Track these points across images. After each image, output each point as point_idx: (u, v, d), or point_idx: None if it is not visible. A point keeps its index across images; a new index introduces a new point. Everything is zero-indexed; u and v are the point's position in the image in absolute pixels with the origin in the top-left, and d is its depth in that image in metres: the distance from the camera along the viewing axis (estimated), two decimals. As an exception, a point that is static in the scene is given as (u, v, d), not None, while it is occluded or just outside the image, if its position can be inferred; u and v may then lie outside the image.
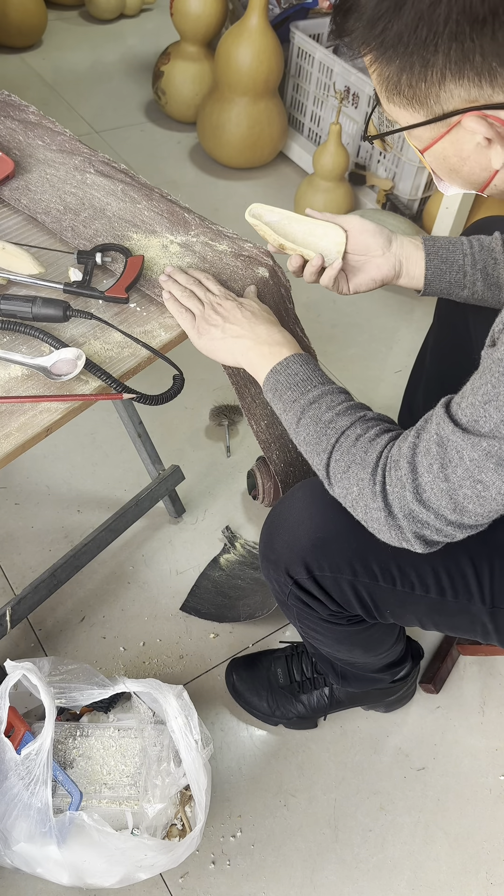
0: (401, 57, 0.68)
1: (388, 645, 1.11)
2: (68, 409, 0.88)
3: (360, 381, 1.87)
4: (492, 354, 0.70)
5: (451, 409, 0.73)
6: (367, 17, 0.68)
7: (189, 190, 2.41)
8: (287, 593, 0.95)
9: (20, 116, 1.27)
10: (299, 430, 0.86)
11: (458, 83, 0.68)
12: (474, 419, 0.70)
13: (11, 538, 1.51)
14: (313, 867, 1.18)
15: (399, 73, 0.70)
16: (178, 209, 1.14)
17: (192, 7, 2.37)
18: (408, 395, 1.40)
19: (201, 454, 1.70)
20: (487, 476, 0.69)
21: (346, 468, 0.80)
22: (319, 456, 0.83)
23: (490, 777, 1.29)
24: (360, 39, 0.70)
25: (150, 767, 1.11)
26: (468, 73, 0.67)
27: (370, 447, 0.79)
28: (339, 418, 0.83)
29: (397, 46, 0.68)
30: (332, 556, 0.90)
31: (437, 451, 0.72)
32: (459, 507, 0.72)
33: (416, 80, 0.69)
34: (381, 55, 0.70)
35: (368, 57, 0.72)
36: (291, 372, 0.89)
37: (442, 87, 0.68)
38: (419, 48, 0.67)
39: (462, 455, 0.70)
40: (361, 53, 0.72)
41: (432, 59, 0.67)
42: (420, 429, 0.76)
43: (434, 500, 0.73)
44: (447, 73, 0.67)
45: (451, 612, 0.94)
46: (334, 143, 2.16)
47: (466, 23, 0.64)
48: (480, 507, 0.72)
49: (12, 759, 1.00)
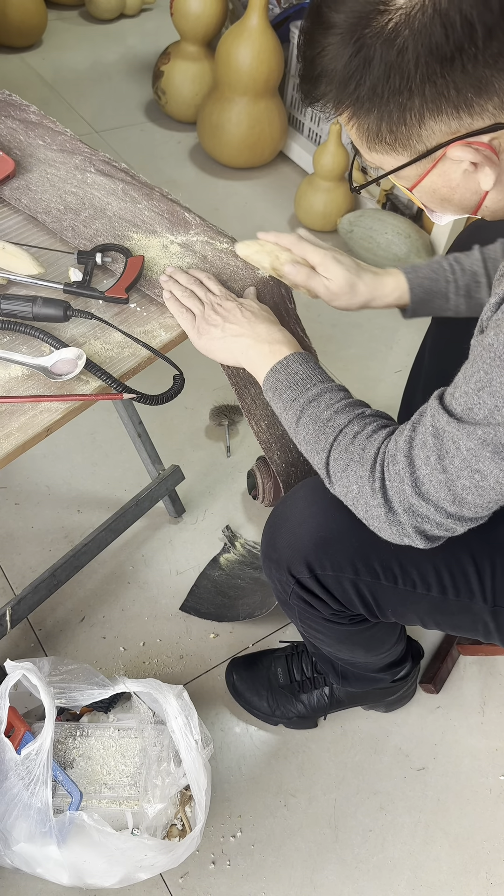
0: (378, 107, 0.69)
1: (389, 645, 1.11)
2: (68, 409, 0.88)
3: (360, 381, 1.87)
4: (482, 341, 0.70)
5: (444, 400, 0.74)
6: (338, 79, 0.69)
7: (189, 190, 2.41)
8: (289, 592, 0.95)
9: (21, 116, 1.27)
10: (299, 429, 0.86)
11: (437, 119, 0.68)
12: (468, 407, 0.70)
13: (11, 538, 1.51)
14: (313, 867, 1.18)
15: (378, 123, 0.71)
16: (179, 209, 1.14)
17: (192, 7, 2.36)
18: (407, 395, 1.40)
19: (201, 454, 1.70)
20: (485, 465, 0.70)
21: (346, 466, 0.80)
22: (319, 455, 0.83)
23: (490, 777, 1.29)
24: (334, 101, 0.71)
25: (150, 767, 1.11)
26: (445, 108, 0.67)
27: (368, 444, 0.79)
28: (337, 416, 0.83)
29: (373, 99, 0.68)
30: (334, 555, 0.90)
31: (434, 442, 0.72)
32: (459, 499, 0.73)
33: (396, 125, 0.70)
34: (357, 110, 0.71)
35: (345, 115, 0.73)
36: (291, 371, 0.89)
37: (423, 126, 0.69)
38: (395, 96, 0.67)
39: (458, 445, 0.70)
40: (337, 113, 0.73)
41: (408, 103, 0.67)
42: (415, 422, 0.76)
43: (433, 493, 0.73)
44: (425, 113, 0.68)
45: (452, 611, 0.94)
46: (334, 143, 2.16)
47: (436, 62, 0.64)
48: (479, 498, 0.72)
49: (12, 759, 1.00)
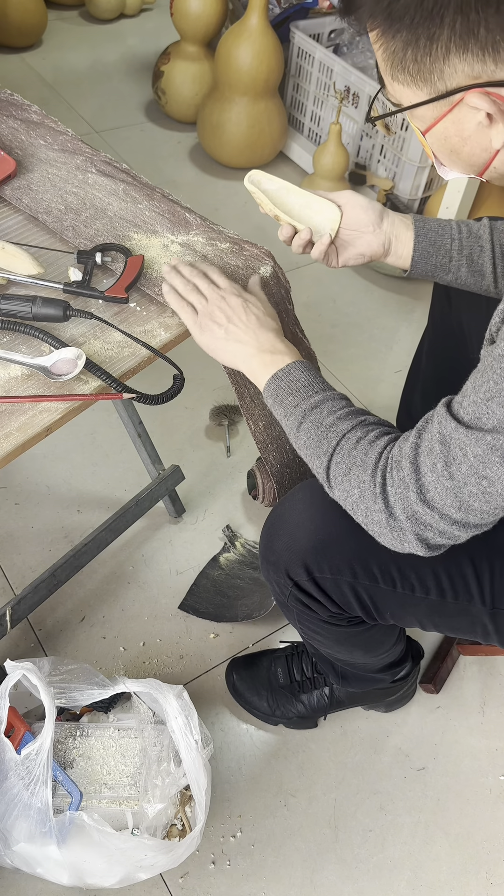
0: (406, 29, 0.70)
1: (388, 646, 1.11)
2: (68, 409, 0.88)
3: (360, 381, 1.87)
4: (492, 352, 0.70)
5: (452, 408, 0.73)
6: None
7: (189, 190, 2.41)
8: (287, 595, 0.95)
9: (22, 116, 1.27)
10: (300, 434, 0.86)
11: (462, 58, 0.69)
12: (477, 417, 0.70)
13: (11, 538, 1.51)
14: (313, 867, 1.18)
15: (405, 48, 0.71)
16: (180, 209, 1.14)
17: (192, 7, 2.37)
18: (405, 397, 1.40)
19: (201, 454, 1.70)
20: (493, 471, 0.69)
21: (347, 471, 0.80)
22: (320, 459, 0.83)
23: (490, 777, 1.29)
24: (367, 12, 0.72)
25: (150, 767, 1.11)
26: (472, 47, 0.68)
27: (370, 449, 0.79)
28: (340, 422, 0.83)
29: (403, 18, 0.69)
30: (332, 558, 0.90)
31: (441, 449, 0.72)
32: (465, 506, 0.72)
33: (422, 54, 0.70)
34: (387, 28, 0.71)
35: (375, 32, 0.73)
36: (293, 378, 0.89)
37: (446, 61, 0.70)
38: (425, 20, 0.68)
39: (466, 452, 0.70)
40: (368, 29, 0.74)
41: (437, 31, 0.68)
42: (421, 429, 0.76)
43: (438, 500, 0.73)
44: (451, 48, 0.69)
45: (451, 614, 0.93)
46: (334, 143, 2.16)
47: None
48: (486, 504, 0.72)
49: (12, 759, 1.00)
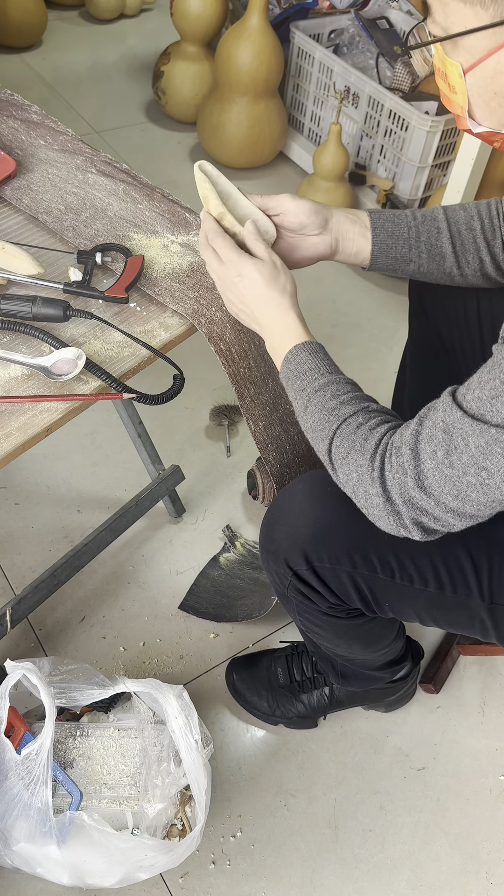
0: None
1: (387, 641, 1.11)
2: (68, 409, 0.88)
3: (360, 381, 1.83)
4: (502, 349, 0.70)
5: (457, 398, 0.73)
6: None
7: (189, 190, 2.40)
8: (287, 585, 0.95)
9: (22, 116, 1.27)
10: (306, 416, 0.87)
11: None
12: (481, 413, 0.70)
13: (11, 538, 1.51)
14: (313, 867, 1.18)
15: None
16: (180, 209, 1.14)
17: (192, 7, 2.37)
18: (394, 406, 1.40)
19: (201, 454, 1.70)
20: (493, 462, 0.69)
21: (346, 454, 0.80)
22: (323, 441, 0.84)
23: (490, 777, 1.29)
24: None
25: (150, 767, 1.11)
26: None
27: (370, 434, 0.80)
28: (342, 406, 0.83)
29: None
30: (332, 548, 0.90)
31: (443, 437, 0.72)
32: (462, 495, 0.73)
33: None
34: None
35: None
36: (300, 360, 0.89)
37: None
38: None
39: (468, 441, 0.70)
40: None
41: None
42: (423, 416, 0.76)
43: (436, 487, 0.73)
44: None
45: (449, 607, 0.94)
46: (334, 143, 2.16)
47: None
48: (483, 496, 0.72)
49: (12, 759, 1.00)
